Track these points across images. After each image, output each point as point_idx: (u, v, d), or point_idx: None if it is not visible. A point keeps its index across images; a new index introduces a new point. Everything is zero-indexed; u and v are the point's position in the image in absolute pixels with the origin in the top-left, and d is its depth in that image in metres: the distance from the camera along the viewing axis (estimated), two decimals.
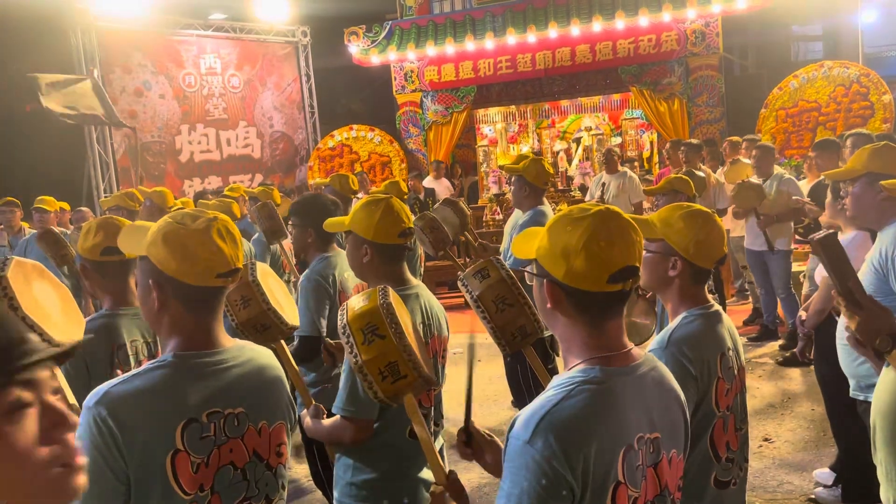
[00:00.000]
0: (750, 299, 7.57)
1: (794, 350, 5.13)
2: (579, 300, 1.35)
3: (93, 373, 2.17)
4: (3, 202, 7.02)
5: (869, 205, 2.84)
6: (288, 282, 5.14)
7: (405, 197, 6.24)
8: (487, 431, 1.71)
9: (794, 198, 5.94)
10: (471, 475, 4.06)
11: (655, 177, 8.85)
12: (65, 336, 1.90)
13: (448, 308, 2.75)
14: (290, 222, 3.37)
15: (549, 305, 1.38)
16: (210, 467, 1.53)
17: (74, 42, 10.43)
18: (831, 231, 1.64)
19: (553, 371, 2.95)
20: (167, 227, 1.58)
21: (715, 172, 7.21)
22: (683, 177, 4.81)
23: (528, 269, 1.46)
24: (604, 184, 8.06)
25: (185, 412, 1.51)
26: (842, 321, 2.69)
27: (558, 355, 4.62)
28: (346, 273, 3.08)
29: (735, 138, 7.87)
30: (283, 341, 2.38)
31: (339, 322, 1.85)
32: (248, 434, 1.61)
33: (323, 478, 3.33)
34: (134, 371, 1.57)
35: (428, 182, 10.94)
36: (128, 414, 1.45)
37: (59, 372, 1.93)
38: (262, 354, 1.73)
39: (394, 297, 1.86)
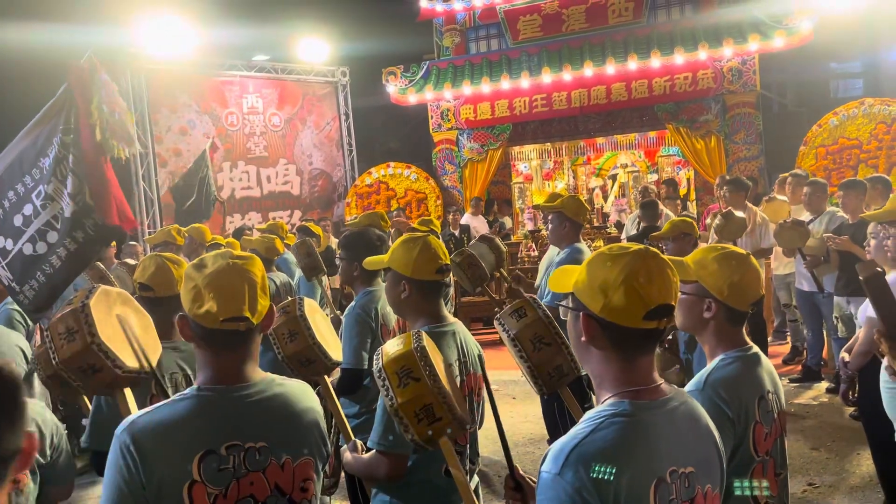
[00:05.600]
0: (788, 339, 7.40)
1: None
2: (615, 335, 1.37)
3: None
4: None
5: None
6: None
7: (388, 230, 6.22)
8: (531, 478, 1.72)
9: (823, 235, 5.68)
10: None
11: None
12: (138, 362, 1.99)
13: (483, 344, 2.77)
14: (337, 256, 3.46)
15: (584, 339, 1.41)
16: (228, 499, 1.55)
17: (124, 84, 10.82)
18: (879, 269, 1.63)
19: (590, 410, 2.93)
20: (188, 268, 1.65)
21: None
22: (687, 219, 4.78)
23: (563, 302, 1.49)
24: (618, 223, 8.03)
25: (202, 443, 1.54)
26: (886, 364, 2.65)
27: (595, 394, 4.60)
28: (388, 307, 3.13)
29: (785, 175, 7.65)
30: (325, 376, 2.43)
31: (374, 366, 1.88)
32: (269, 468, 1.62)
33: None
34: (161, 402, 1.62)
35: (466, 219, 11.02)
36: (148, 443, 1.51)
37: (129, 393, 2.02)
38: (292, 389, 1.74)
39: (427, 340, 1.89)
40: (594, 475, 1.24)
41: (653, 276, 1.36)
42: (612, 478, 1.24)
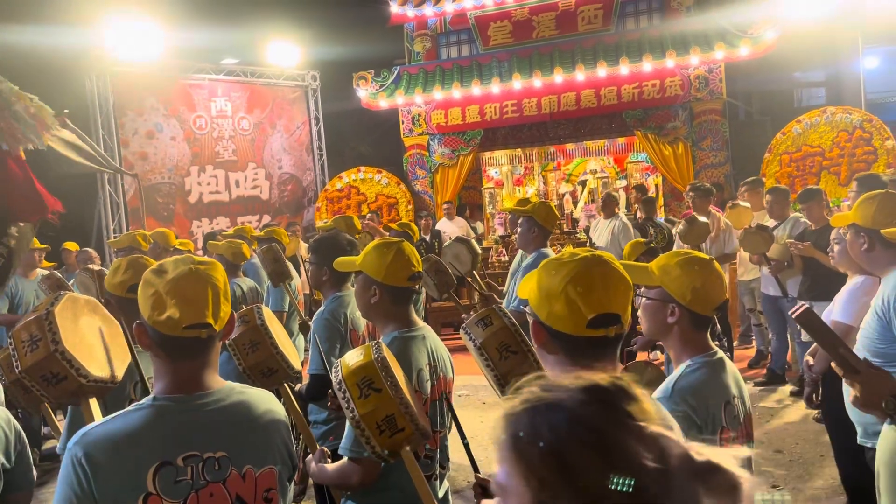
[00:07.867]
0: (753, 343, 7.51)
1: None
2: (563, 342, 1.38)
3: (110, 408, 2.20)
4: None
5: (857, 255, 2.91)
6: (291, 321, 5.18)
7: (357, 236, 6.01)
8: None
9: (787, 241, 5.78)
10: None
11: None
12: (104, 371, 1.94)
13: (453, 350, 2.75)
14: (306, 261, 3.42)
15: (535, 345, 1.43)
16: None
17: (89, 86, 10.64)
18: (805, 307, 1.67)
19: None
20: (147, 274, 1.60)
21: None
22: (640, 241, 4.84)
23: (527, 308, 1.49)
24: (587, 228, 8.12)
25: (158, 455, 1.50)
26: None
27: None
28: (357, 312, 3.11)
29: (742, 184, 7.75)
30: (287, 385, 2.39)
31: (333, 378, 1.84)
32: (230, 478, 1.57)
33: None
34: (116, 413, 1.57)
35: (443, 223, 11.00)
36: (101, 455, 1.46)
37: (95, 403, 1.97)
38: (255, 397, 1.69)
39: (387, 351, 1.87)
40: None
41: (594, 284, 1.35)
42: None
